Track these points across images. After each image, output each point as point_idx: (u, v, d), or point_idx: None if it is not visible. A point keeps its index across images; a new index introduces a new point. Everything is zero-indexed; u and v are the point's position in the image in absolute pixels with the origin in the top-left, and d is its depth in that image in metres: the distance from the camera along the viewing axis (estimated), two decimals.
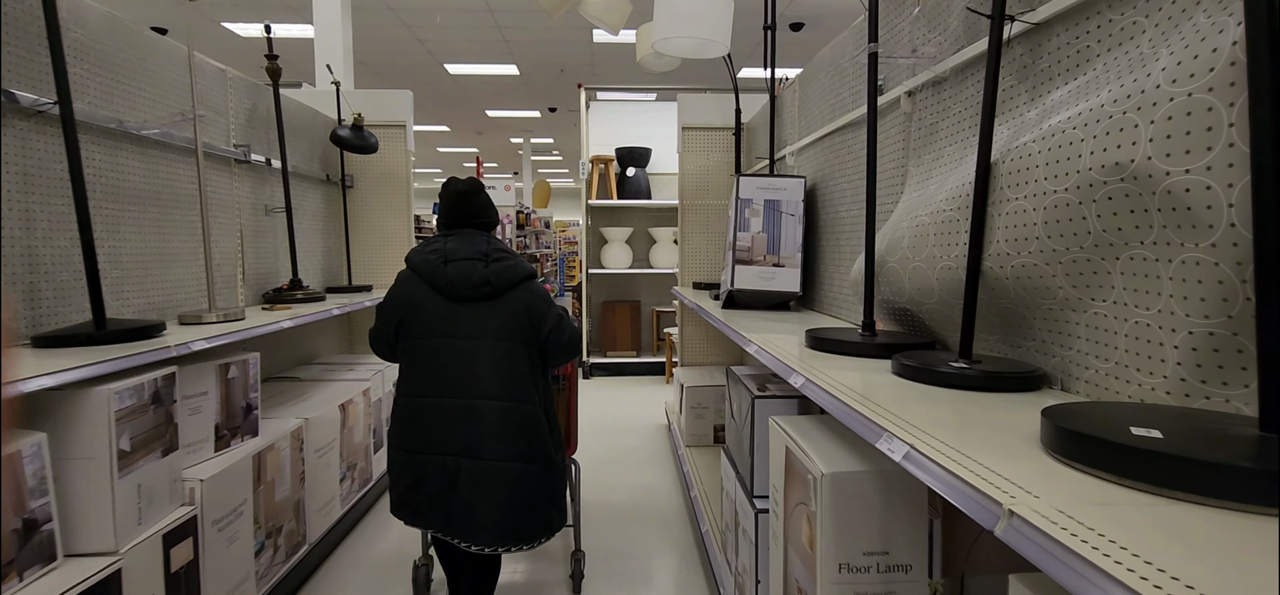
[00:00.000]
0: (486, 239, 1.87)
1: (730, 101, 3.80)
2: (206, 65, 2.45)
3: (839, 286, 2.22)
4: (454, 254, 1.80)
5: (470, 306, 1.79)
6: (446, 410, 1.76)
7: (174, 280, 2.22)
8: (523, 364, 1.79)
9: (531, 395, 1.79)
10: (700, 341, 3.93)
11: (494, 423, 1.75)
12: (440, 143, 16.67)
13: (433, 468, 1.76)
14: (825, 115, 2.37)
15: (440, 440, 1.76)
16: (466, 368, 1.76)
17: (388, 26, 7.93)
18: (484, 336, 1.78)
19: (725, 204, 3.85)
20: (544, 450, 1.80)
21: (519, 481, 1.76)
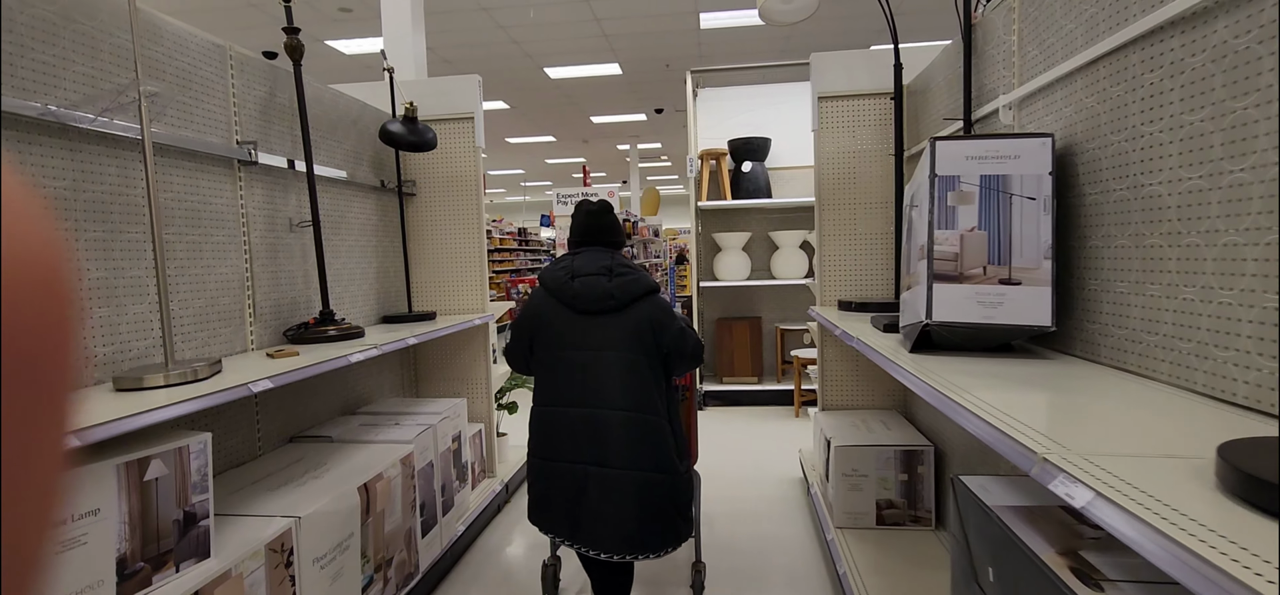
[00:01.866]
0: (611, 255, 1.94)
1: (883, 60, 2.84)
2: (193, 37, 1.87)
3: (1145, 316, 1.24)
4: (580, 270, 1.88)
5: (596, 319, 1.84)
6: (575, 420, 1.82)
7: (131, 323, 1.63)
8: (647, 374, 1.82)
9: (656, 405, 1.82)
10: (847, 377, 2.98)
11: (620, 432, 1.78)
12: (547, 154, 16.51)
13: (562, 476, 1.83)
14: (1089, 30, 1.40)
15: (569, 449, 1.82)
16: (593, 379, 1.81)
17: (483, 28, 7.54)
18: (609, 348, 1.82)
19: (881, 194, 2.88)
20: (669, 460, 1.81)
21: (645, 491, 1.78)
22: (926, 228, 1.53)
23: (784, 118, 5.31)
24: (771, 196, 5.02)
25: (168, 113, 1.77)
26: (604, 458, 1.79)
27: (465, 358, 3.14)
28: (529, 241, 15.15)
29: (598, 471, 1.79)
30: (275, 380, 1.55)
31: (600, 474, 1.79)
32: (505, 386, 3.51)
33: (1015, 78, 1.75)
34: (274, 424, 2.19)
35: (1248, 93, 0.98)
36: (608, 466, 1.78)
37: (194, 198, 1.85)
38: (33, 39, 1.41)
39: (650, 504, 1.78)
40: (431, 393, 3.19)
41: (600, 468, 1.79)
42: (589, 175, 17.16)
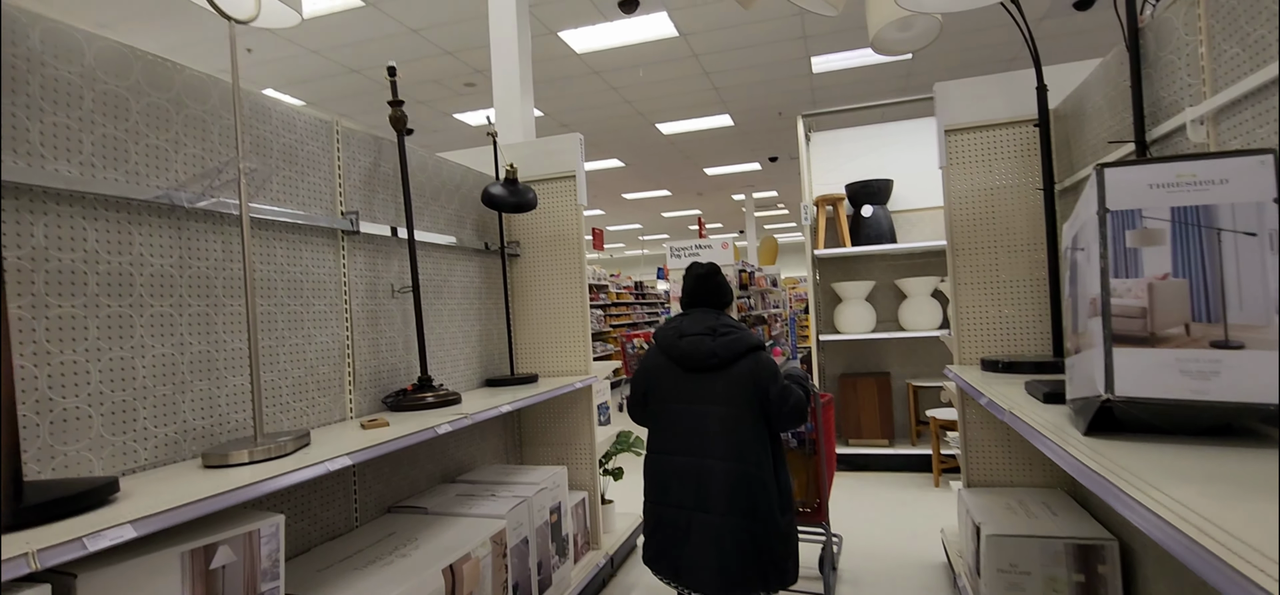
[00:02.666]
0: (717, 316, 2.07)
1: (1020, 82, 2.50)
2: (300, 114, 1.94)
3: None
4: (687, 330, 2.04)
5: (701, 376, 2.00)
6: (682, 468, 1.98)
7: (230, 395, 1.65)
8: (748, 428, 1.93)
9: (758, 457, 1.92)
10: (996, 447, 2.55)
11: (721, 481, 1.91)
12: (663, 207, 16.68)
13: (669, 520, 1.99)
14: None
15: (676, 495, 1.98)
16: (698, 430, 1.96)
17: (595, 91, 7.74)
18: (713, 403, 1.96)
19: (1028, 235, 2.49)
20: (768, 510, 1.90)
21: (742, 538, 1.87)
22: (1098, 276, 1.21)
23: (905, 157, 4.92)
24: (896, 241, 4.63)
25: (270, 186, 1.82)
26: (706, 504, 1.93)
27: (568, 422, 3.04)
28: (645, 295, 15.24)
29: (700, 517, 1.94)
30: (355, 456, 1.49)
31: (702, 520, 1.93)
32: (611, 450, 3.37)
33: (1205, 86, 1.40)
34: (372, 494, 2.17)
35: None
36: (709, 512, 1.93)
37: (296, 268, 1.89)
38: (146, 125, 1.49)
39: (746, 551, 1.89)
40: (534, 457, 3.10)
41: (703, 513, 1.94)
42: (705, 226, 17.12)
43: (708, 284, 2.13)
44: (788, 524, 1.96)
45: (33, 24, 1.29)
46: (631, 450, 3.39)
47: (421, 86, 7.26)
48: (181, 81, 1.57)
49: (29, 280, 1.26)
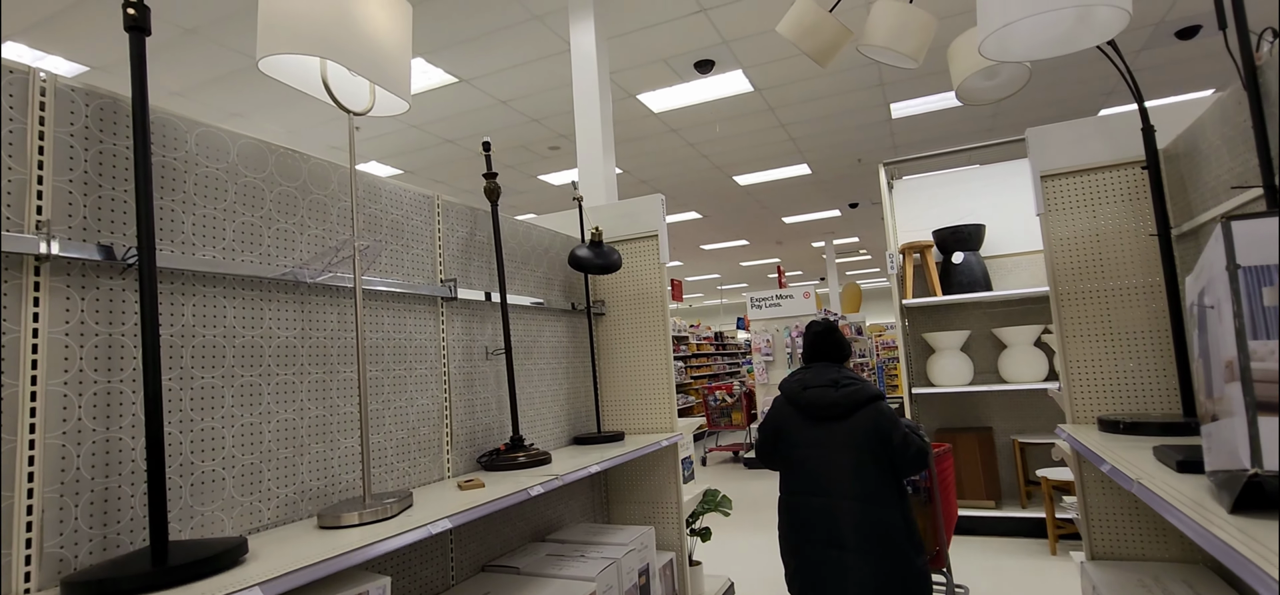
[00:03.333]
0: (838, 368, 2.28)
1: (1122, 125, 2.37)
2: (405, 192, 2.09)
3: None
4: (810, 382, 2.27)
5: (826, 424, 2.21)
6: (815, 508, 2.19)
7: (342, 457, 1.76)
8: (873, 470, 2.12)
9: (886, 498, 2.11)
10: (1122, 515, 2.34)
11: (852, 520, 2.10)
12: (741, 257, 16.61)
13: (807, 555, 2.19)
14: None
15: (811, 532, 2.18)
16: (827, 473, 2.17)
17: (673, 148, 7.91)
18: (837, 449, 2.17)
19: (1140, 280, 2.33)
20: (900, 548, 2.07)
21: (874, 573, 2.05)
22: (1232, 337, 1.12)
23: (996, 201, 4.73)
24: (990, 289, 4.41)
25: (380, 259, 1.96)
26: (840, 542, 2.13)
27: (654, 480, 3.04)
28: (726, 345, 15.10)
29: (834, 553, 2.15)
30: (454, 519, 1.55)
31: (836, 555, 2.14)
32: (697, 509, 3.32)
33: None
34: (467, 552, 2.23)
35: None
36: (844, 548, 2.12)
37: (400, 335, 2.01)
38: (277, 211, 1.65)
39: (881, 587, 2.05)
40: (621, 516, 3.10)
41: (837, 549, 2.14)
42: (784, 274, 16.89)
43: (827, 339, 2.39)
44: (922, 565, 2.12)
45: (190, 129, 1.47)
46: (719, 509, 3.33)
47: (510, 152, 7.65)
48: (307, 170, 1.73)
49: (178, 355, 1.40)
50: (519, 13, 4.82)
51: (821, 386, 2.25)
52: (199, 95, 5.82)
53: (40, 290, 1.19)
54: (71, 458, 1.21)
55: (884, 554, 2.06)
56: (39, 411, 1.17)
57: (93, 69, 5.33)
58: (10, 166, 1.17)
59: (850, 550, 2.10)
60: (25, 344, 1.16)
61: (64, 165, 1.25)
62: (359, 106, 1.72)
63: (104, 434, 1.27)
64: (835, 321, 2.28)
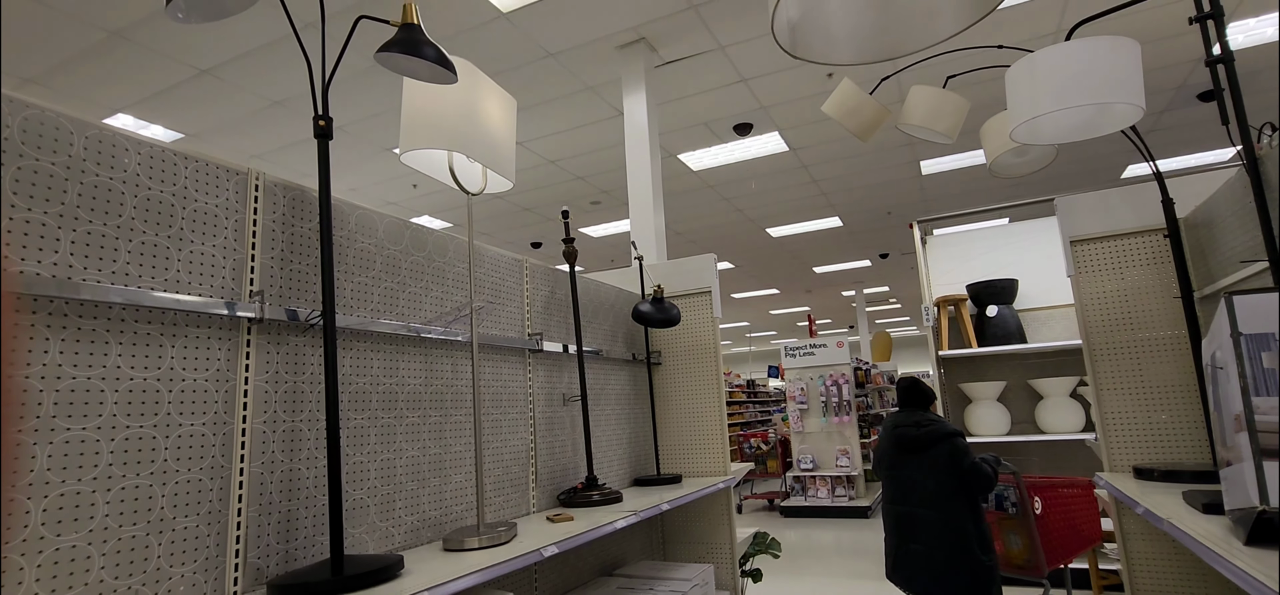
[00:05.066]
0: (921, 412, 2.99)
1: (1144, 195, 2.59)
2: (501, 257, 2.39)
3: None
4: (901, 423, 2.98)
5: (911, 453, 2.93)
6: (900, 515, 2.94)
7: (453, 490, 2.02)
8: (948, 488, 2.79)
9: (954, 509, 2.77)
10: (1164, 562, 2.48)
11: (925, 527, 2.82)
12: (772, 305, 16.79)
13: (894, 548, 2.97)
14: None
15: (898, 533, 2.95)
16: (909, 490, 2.91)
17: (709, 202, 8.23)
18: (917, 473, 2.88)
19: (1169, 336, 2.51)
20: (965, 545, 2.73)
21: (943, 564, 2.75)
22: (1238, 394, 1.33)
23: (1029, 256, 4.91)
24: (1025, 341, 4.57)
25: (484, 319, 2.25)
26: (916, 539, 2.86)
27: (709, 521, 3.23)
28: (757, 393, 15.16)
29: (913, 548, 2.87)
30: (562, 545, 1.79)
31: (914, 550, 2.86)
32: (749, 551, 3.49)
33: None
34: (548, 583, 2.45)
35: None
36: (919, 545, 2.85)
37: (497, 383, 2.28)
38: (410, 277, 1.94)
39: (943, 573, 2.75)
40: (677, 555, 3.29)
41: (916, 546, 2.86)
42: (814, 323, 16.99)
43: (914, 390, 3.07)
44: (988, 562, 2.73)
45: (351, 211, 1.78)
46: (769, 551, 3.49)
47: (554, 206, 8.04)
48: (432, 241, 2.04)
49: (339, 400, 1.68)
50: (574, 84, 5.22)
51: (908, 426, 2.94)
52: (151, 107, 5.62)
53: (251, 347, 1.48)
54: (267, 484, 1.49)
55: (952, 551, 2.73)
56: (248, 445, 1.45)
57: (188, 136, 5.85)
58: (234, 247, 1.48)
59: (922, 546, 2.81)
60: (238, 390, 1.45)
61: (267, 245, 1.55)
62: (474, 187, 2.03)
63: (289, 464, 1.54)
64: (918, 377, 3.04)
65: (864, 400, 8.74)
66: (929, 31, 1.19)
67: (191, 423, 1.36)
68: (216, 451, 1.40)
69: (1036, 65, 1.93)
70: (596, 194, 7.69)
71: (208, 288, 1.42)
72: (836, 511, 7.63)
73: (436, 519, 1.95)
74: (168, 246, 1.36)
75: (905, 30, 1.15)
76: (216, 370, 1.41)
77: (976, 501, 2.81)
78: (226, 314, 1.42)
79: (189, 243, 1.40)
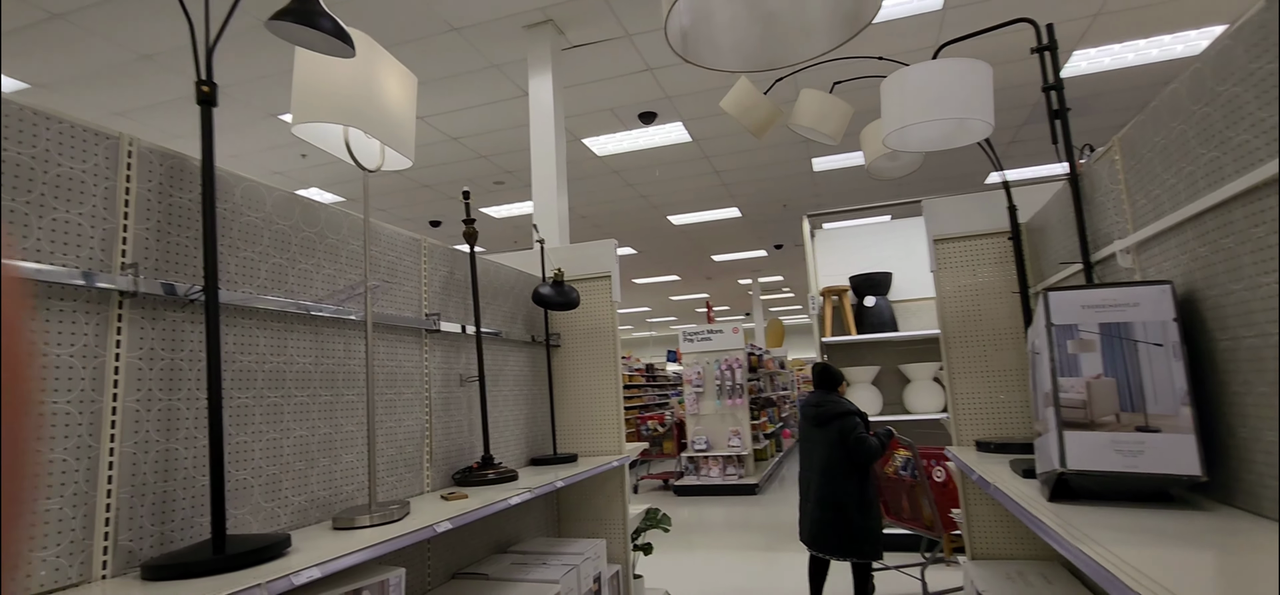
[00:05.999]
0: (825, 394, 3.59)
1: (996, 201, 2.92)
2: (398, 235, 2.36)
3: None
4: (809, 400, 3.61)
5: (815, 427, 3.53)
6: (803, 479, 3.61)
7: (344, 470, 1.99)
8: (836, 458, 3.41)
9: (839, 476, 3.39)
10: (996, 523, 2.83)
11: (819, 489, 3.44)
12: (672, 291, 17.16)
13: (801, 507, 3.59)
14: (1193, 185, 1.46)
15: (802, 495, 3.59)
16: (811, 459, 3.54)
17: (613, 188, 8.31)
18: (819, 444, 3.49)
19: (1009, 328, 2.86)
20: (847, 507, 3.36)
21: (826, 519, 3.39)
22: (1048, 375, 1.57)
23: (904, 251, 5.35)
24: (897, 330, 4.99)
25: (380, 298, 2.22)
26: (810, 498, 3.49)
27: (603, 498, 3.34)
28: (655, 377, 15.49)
29: (809, 508, 3.48)
30: (455, 521, 1.82)
31: (809, 506, 3.48)
32: (641, 526, 3.63)
33: (1128, 223, 1.80)
34: (441, 561, 2.46)
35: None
36: (811, 503, 3.47)
37: (392, 363, 2.26)
38: (300, 253, 1.89)
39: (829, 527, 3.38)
40: (572, 531, 3.38)
41: (810, 503, 3.48)
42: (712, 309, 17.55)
43: (825, 373, 3.65)
44: (864, 523, 3.34)
45: (237, 183, 1.71)
46: (660, 526, 3.65)
47: (455, 185, 7.84)
48: (325, 217, 1.99)
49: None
50: (478, 61, 5.12)
51: (813, 405, 3.55)
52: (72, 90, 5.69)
53: (123, 322, 1.41)
54: (141, 464, 1.43)
55: (836, 513, 3.34)
56: (119, 424, 1.39)
57: (36, 86, 5.22)
58: (104, 217, 1.39)
59: (813, 505, 3.43)
60: (108, 367, 1.38)
61: (142, 215, 1.48)
62: (371, 164, 2.00)
63: (165, 444, 1.48)
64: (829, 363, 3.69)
65: (756, 384, 9.18)
66: (805, 47, 1.32)
67: (54, 401, 1.28)
68: (83, 431, 1.33)
69: (906, 80, 2.14)
70: (500, 174, 7.58)
71: (73, 258, 1.34)
72: (727, 489, 8.00)
73: (326, 499, 1.92)
74: (26, 212, 1.27)
75: (783, 45, 1.27)
76: (83, 346, 1.34)
77: (864, 471, 3.36)
78: (92, 286, 1.34)
79: (51, 209, 1.31)
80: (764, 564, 4.88)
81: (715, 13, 1.23)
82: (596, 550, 2.82)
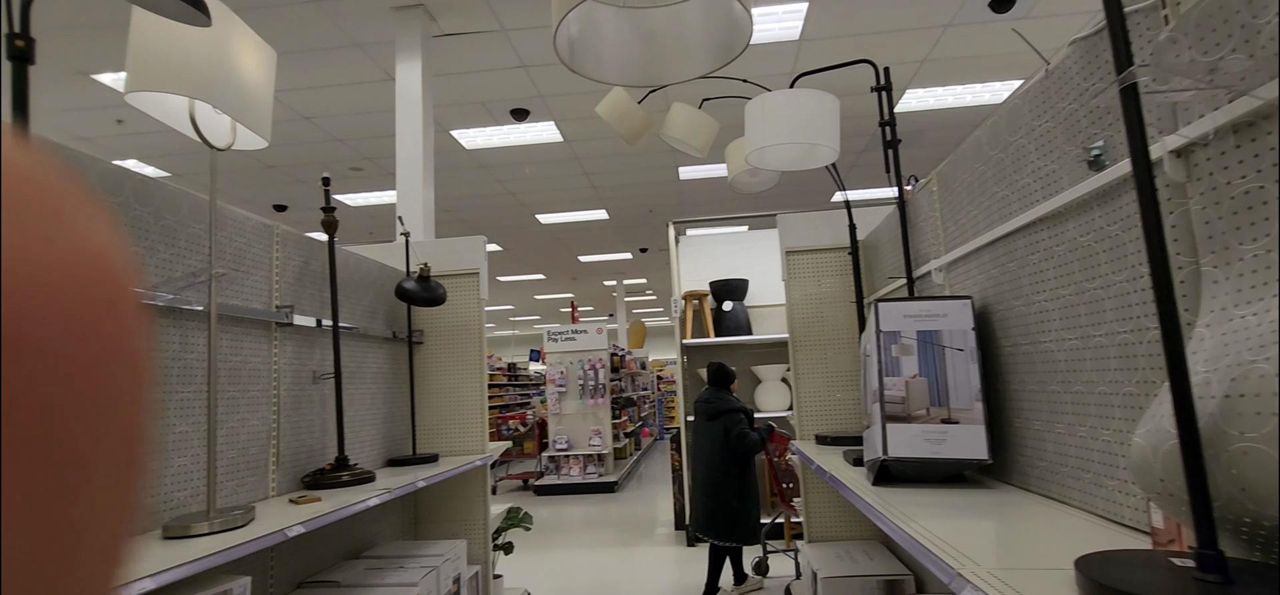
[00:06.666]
0: (716, 391, 3.91)
1: (840, 219, 3.24)
2: (248, 220, 2.19)
3: (1057, 450, 1.48)
4: (703, 397, 3.90)
5: (705, 421, 3.84)
6: (694, 470, 3.94)
7: (175, 475, 1.82)
8: (720, 452, 3.74)
9: (724, 467, 3.72)
10: (830, 509, 3.14)
11: (705, 477, 3.77)
12: (537, 290, 17.03)
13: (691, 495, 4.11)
14: (988, 216, 1.74)
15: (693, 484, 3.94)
16: (700, 451, 3.85)
17: (479, 183, 8.13)
18: (706, 437, 3.81)
19: (847, 334, 3.18)
20: (727, 496, 3.71)
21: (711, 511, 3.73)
22: (876, 375, 1.79)
23: (760, 259, 5.74)
24: (752, 333, 5.34)
25: (224, 287, 2.04)
26: (697, 488, 3.83)
27: (464, 499, 3.28)
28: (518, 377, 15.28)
29: (697, 496, 3.84)
30: (307, 525, 1.73)
31: (699, 495, 3.81)
32: (502, 526, 3.61)
33: (942, 246, 2.09)
34: (286, 571, 2.31)
35: (1094, 277, 1.28)
36: (704, 492, 3.76)
37: (236, 358, 2.09)
38: (132, 235, 1.70)
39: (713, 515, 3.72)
40: (431, 533, 3.29)
41: (699, 494, 3.81)
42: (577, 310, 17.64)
43: (718, 372, 3.95)
44: (742, 508, 3.70)
45: (55, 152, 1.51)
46: (521, 525, 3.65)
47: (307, 168, 7.28)
48: (161, 196, 1.80)
49: None
50: (340, 39, 4.81)
51: (706, 400, 3.84)
52: None
53: None
54: None
55: (717, 500, 3.68)
56: None
57: None
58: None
59: (701, 493, 3.76)
60: None
61: None
62: (221, 142, 1.85)
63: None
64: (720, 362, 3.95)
65: (618, 384, 9.37)
66: (683, 69, 1.42)
67: None
68: None
69: (766, 104, 2.33)
70: (359, 160, 7.14)
71: None
72: (587, 488, 8.10)
73: (153, 507, 1.75)
74: None
75: (663, 65, 1.36)
76: None
77: (744, 462, 3.73)
78: None
79: None
80: (621, 559, 5.02)
81: (603, 26, 1.29)
82: (456, 551, 2.77)
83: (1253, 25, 0.87)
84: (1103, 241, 1.25)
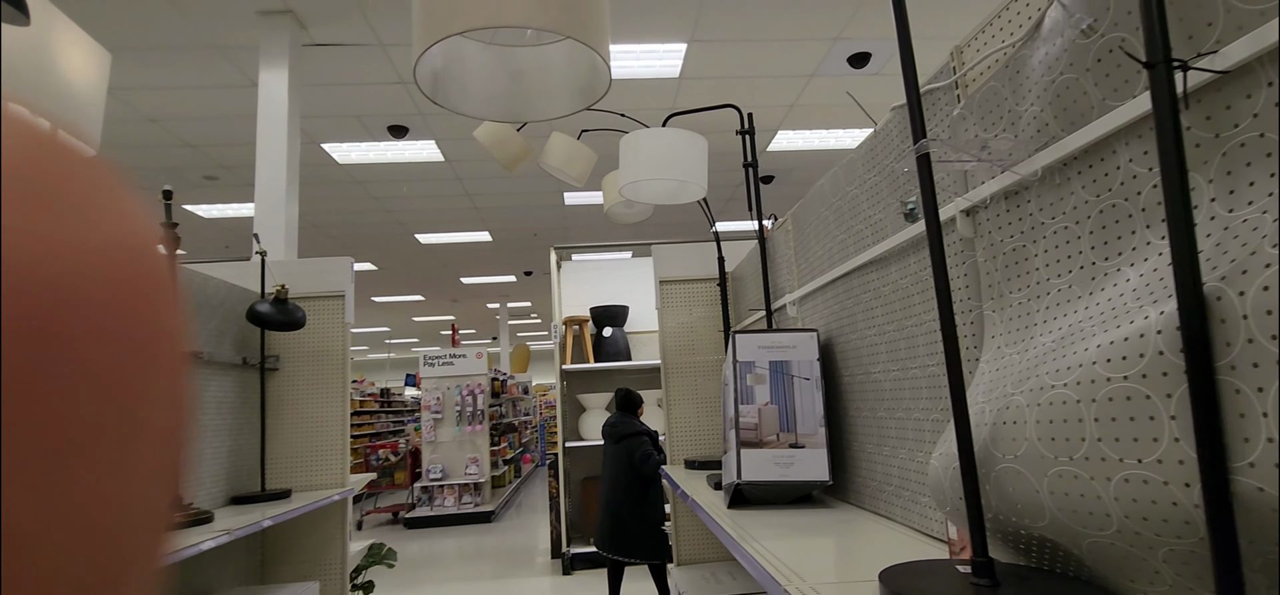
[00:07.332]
0: (623, 416, 3.92)
1: (711, 251, 3.41)
2: None
3: (884, 471, 1.65)
4: (611, 421, 3.93)
5: (612, 444, 3.86)
6: (601, 491, 3.91)
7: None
8: (624, 474, 3.76)
9: (627, 487, 3.76)
10: (698, 531, 3.25)
11: (611, 498, 3.79)
12: (415, 312, 16.35)
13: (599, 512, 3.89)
14: (831, 257, 1.92)
15: (600, 505, 3.89)
16: (606, 472, 3.87)
17: (353, 199, 7.75)
18: (612, 460, 3.84)
19: (715, 361, 3.33)
20: (630, 516, 3.72)
21: (616, 526, 3.74)
22: (733, 403, 1.90)
23: (641, 286, 5.88)
24: (630, 359, 5.44)
25: None
26: (603, 509, 3.83)
27: (321, 536, 3.08)
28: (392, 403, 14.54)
29: (602, 515, 3.82)
30: None
31: (602, 516, 3.81)
32: (362, 564, 3.41)
33: (795, 281, 2.27)
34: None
35: (910, 315, 1.45)
36: (607, 511, 3.79)
37: None
38: None
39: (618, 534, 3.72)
40: (281, 576, 3.05)
41: (603, 513, 3.81)
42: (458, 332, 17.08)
43: (625, 398, 4.00)
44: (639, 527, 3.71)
45: None
46: (384, 562, 3.47)
47: (152, 175, 6.60)
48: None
49: None
50: (194, 38, 4.44)
51: (613, 424, 3.90)
52: None
53: None
54: None
55: (616, 521, 3.72)
56: None
57: None
58: None
59: (606, 514, 3.78)
60: None
61: None
62: None
63: None
64: (628, 388, 4.05)
65: (498, 410, 9.16)
66: (547, 108, 1.46)
67: None
68: None
69: (639, 140, 2.42)
70: (213, 168, 6.57)
71: None
72: (463, 518, 7.82)
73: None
74: None
75: (527, 103, 1.39)
76: None
77: (648, 482, 3.82)
78: None
79: None
80: (495, 592, 4.89)
81: (468, 60, 1.31)
82: (308, 594, 2.60)
83: (1016, 111, 1.05)
84: (917, 284, 1.42)
